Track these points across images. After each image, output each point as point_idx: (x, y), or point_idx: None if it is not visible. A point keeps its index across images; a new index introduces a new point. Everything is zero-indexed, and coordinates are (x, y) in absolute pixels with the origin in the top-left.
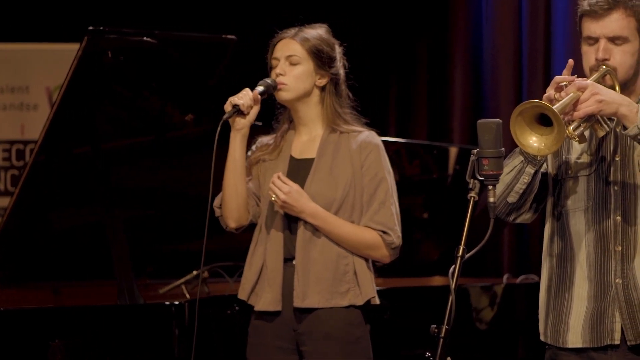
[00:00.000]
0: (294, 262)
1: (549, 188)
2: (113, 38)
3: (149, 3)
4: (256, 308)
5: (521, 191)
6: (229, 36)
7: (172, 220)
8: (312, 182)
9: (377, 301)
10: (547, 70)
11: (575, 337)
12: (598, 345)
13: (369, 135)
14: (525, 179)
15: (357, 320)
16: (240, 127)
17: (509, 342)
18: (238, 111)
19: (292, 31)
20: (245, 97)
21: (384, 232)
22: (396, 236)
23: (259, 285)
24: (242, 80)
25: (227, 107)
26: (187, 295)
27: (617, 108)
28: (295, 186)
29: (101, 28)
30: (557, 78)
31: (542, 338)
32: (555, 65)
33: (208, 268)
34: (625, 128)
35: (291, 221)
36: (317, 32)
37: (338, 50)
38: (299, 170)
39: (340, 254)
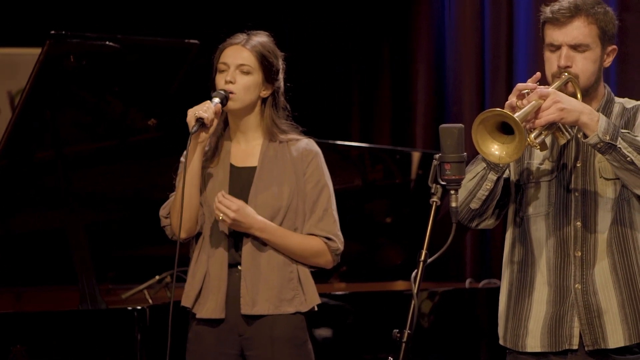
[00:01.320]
0: (239, 267)
1: (511, 194)
2: (75, 42)
3: (111, 7)
4: (199, 315)
5: (484, 197)
6: (191, 40)
7: (135, 225)
8: (256, 191)
9: (316, 308)
10: (509, 76)
11: (534, 341)
12: (556, 349)
13: (308, 143)
14: (487, 185)
15: (302, 324)
16: (202, 139)
17: (472, 346)
18: (202, 124)
19: (242, 37)
20: (209, 111)
21: (329, 239)
22: (340, 242)
23: (203, 292)
24: (205, 85)
25: (191, 120)
26: (150, 300)
27: (578, 116)
28: (241, 203)
29: (63, 32)
30: (519, 85)
31: (501, 342)
32: (517, 71)
33: (170, 273)
34: (585, 136)
35: None
36: (265, 41)
37: (281, 62)
38: (240, 179)
39: (285, 261)
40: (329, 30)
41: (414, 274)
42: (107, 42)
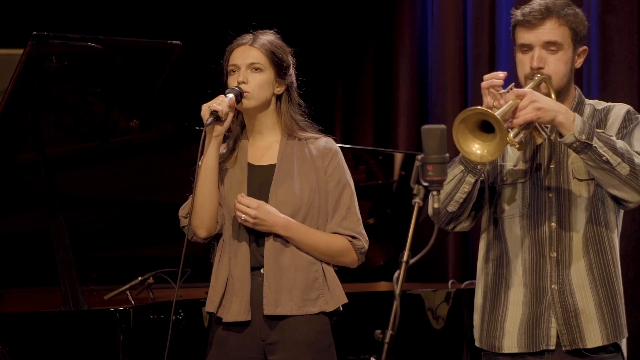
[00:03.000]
0: (262, 270)
1: (486, 195)
2: (57, 43)
3: (93, 8)
4: (225, 319)
5: (461, 200)
6: (174, 42)
7: (117, 226)
8: (277, 189)
9: (341, 308)
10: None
11: (510, 342)
12: (533, 350)
13: (327, 142)
14: (465, 188)
15: (326, 327)
16: (218, 133)
17: (454, 347)
18: (217, 118)
19: (249, 37)
20: (223, 104)
21: (354, 237)
22: (365, 240)
23: (226, 296)
24: (187, 86)
25: (205, 114)
26: (132, 302)
27: (555, 115)
28: (260, 201)
29: (45, 33)
30: (484, 84)
31: (477, 344)
32: (499, 70)
33: (153, 274)
34: (561, 136)
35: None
36: (273, 38)
37: (291, 58)
38: (259, 177)
39: (310, 260)
40: (312, 30)
41: (396, 274)
42: (89, 43)
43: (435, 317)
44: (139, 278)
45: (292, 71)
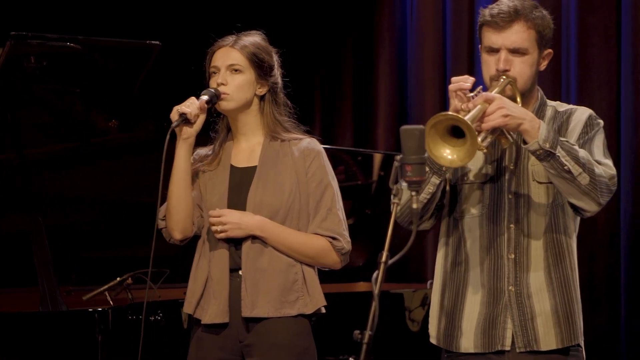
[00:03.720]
0: (240, 272)
1: (447, 195)
2: (36, 43)
3: (72, 8)
4: (203, 321)
5: (425, 201)
6: (153, 42)
7: (96, 226)
8: (256, 190)
9: (323, 310)
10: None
11: (467, 342)
12: (489, 350)
13: (310, 142)
14: (430, 189)
15: (305, 330)
16: (187, 136)
17: (433, 347)
18: (185, 120)
19: (231, 39)
20: (192, 106)
21: (334, 238)
22: (346, 241)
23: (205, 297)
24: (166, 86)
25: (174, 115)
26: (111, 302)
27: (521, 123)
28: (226, 210)
29: (24, 33)
30: (452, 87)
31: (433, 341)
32: (479, 73)
33: (132, 274)
34: (525, 142)
35: None
36: (256, 39)
37: (276, 58)
38: (240, 179)
39: (289, 262)
40: (291, 31)
41: (375, 275)
42: (68, 43)
43: (413, 318)
44: (118, 279)
45: (276, 72)
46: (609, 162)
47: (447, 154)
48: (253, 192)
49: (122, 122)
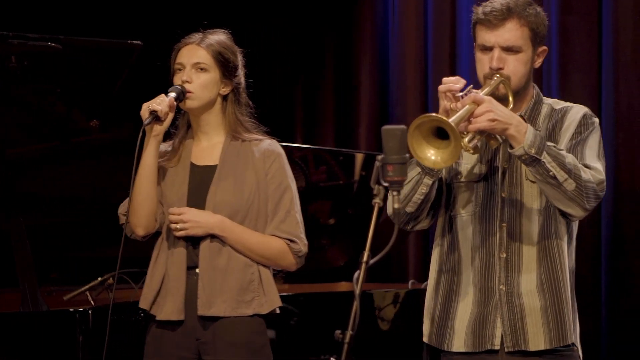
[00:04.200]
0: (197, 270)
1: (444, 194)
2: (17, 43)
3: (53, 8)
4: (158, 317)
5: (419, 201)
6: (134, 42)
7: (77, 226)
8: (216, 190)
9: (278, 310)
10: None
11: (459, 341)
12: (479, 349)
13: (271, 144)
14: (423, 189)
15: (260, 328)
16: (157, 133)
17: (415, 347)
18: (156, 117)
19: (197, 37)
20: (163, 104)
21: (291, 241)
22: (303, 244)
23: (161, 294)
24: (147, 86)
25: (144, 113)
26: (92, 302)
27: (507, 128)
28: (185, 208)
29: (4, 33)
30: (441, 88)
31: (425, 340)
32: (460, 73)
33: (112, 274)
34: (512, 147)
35: None
36: (222, 39)
37: (240, 58)
38: (200, 177)
39: (246, 262)
40: (272, 30)
41: (356, 275)
42: (49, 43)
43: (395, 317)
44: (99, 279)
45: (240, 72)
46: (600, 165)
47: (431, 155)
48: (213, 191)
49: (103, 122)
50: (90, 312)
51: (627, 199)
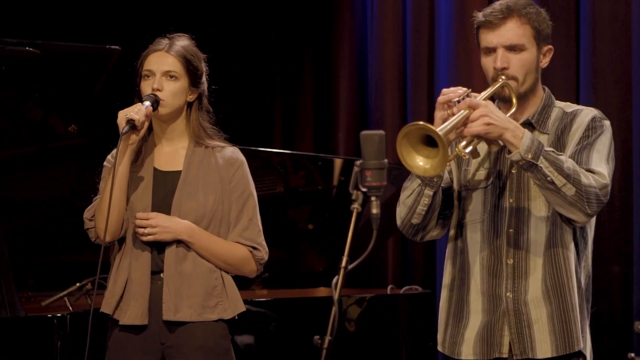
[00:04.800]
0: (161, 275)
1: (455, 201)
2: None
3: (32, 13)
4: (122, 322)
5: (423, 212)
6: (112, 47)
7: (55, 231)
8: (181, 196)
9: (236, 317)
10: (430, 83)
11: (468, 349)
12: (488, 357)
13: (234, 151)
14: (425, 200)
15: (224, 332)
16: (132, 142)
17: (393, 351)
18: (133, 126)
19: (165, 43)
20: (140, 113)
21: (254, 248)
22: (265, 252)
23: (124, 299)
24: (125, 91)
25: (121, 121)
26: (70, 308)
27: (503, 133)
28: (154, 213)
29: None
30: (440, 99)
31: (439, 348)
32: (438, 79)
33: (91, 280)
34: (509, 152)
35: None
36: (188, 45)
37: (204, 65)
38: (165, 183)
39: (210, 268)
40: (251, 36)
41: (334, 280)
42: (27, 48)
43: (374, 322)
44: (77, 284)
45: (204, 78)
46: (605, 170)
47: (420, 162)
48: (178, 197)
49: (81, 126)
50: (68, 317)
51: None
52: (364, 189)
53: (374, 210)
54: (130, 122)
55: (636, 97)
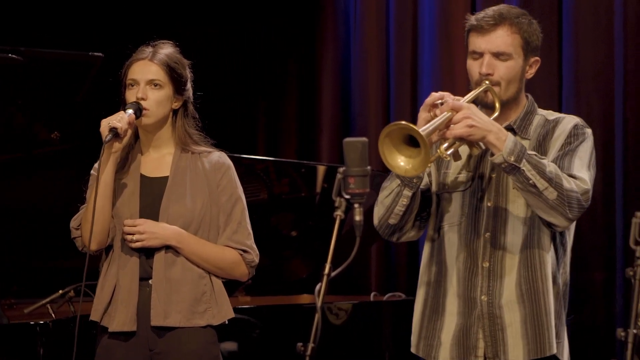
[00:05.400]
0: (150, 281)
1: (433, 204)
2: None
3: (14, 19)
4: (111, 329)
5: (401, 213)
6: (95, 53)
7: (38, 238)
8: (169, 202)
9: (227, 322)
10: (414, 90)
11: (445, 352)
12: None
13: (221, 156)
14: (403, 201)
15: (213, 339)
16: (116, 150)
17: (376, 358)
18: (116, 134)
19: (148, 51)
20: (122, 121)
21: (245, 251)
22: (255, 254)
23: (112, 305)
24: (108, 98)
25: (104, 130)
26: (53, 315)
27: (485, 135)
28: (142, 220)
29: None
30: (428, 100)
31: (413, 350)
32: (422, 86)
33: (74, 287)
34: (492, 154)
35: None
36: (172, 52)
37: (189, 71)
38: (152, 189)
39: (200, 273)
40: (235, 43)
41: (317, 287)
42: (10, 55)
43: (357, 329)
44: (60, 291)
45: (189, 85)
46: (587, 175)
47: (402, 162)
48: (165, 203)
49: (64, 133)
50: (51, 325)
51: (587, 211)
52: (347, 196)
53: (357, 217)
54: (113, 130)
55: (618, 104)
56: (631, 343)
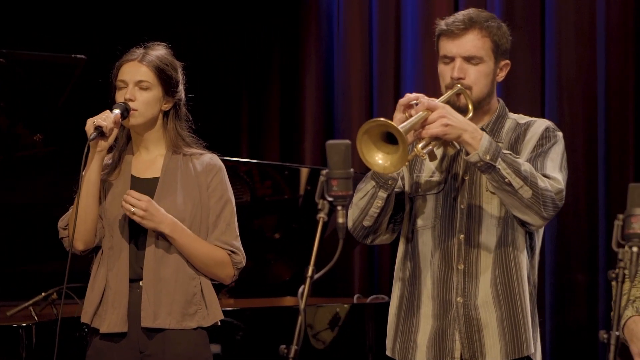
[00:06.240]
0: (140, 283)
1: (406, 207)
2: None
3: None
4: (102, 330)
5: (376, 215)
6: (78, 55)
7: (20, 241)
8: (159, 202)
9: (219, 323)
10: (397, 93)
11: (421, 355)
12: None
13: (212, 158)
14: (378, 203)
15: (204, 341)
16: (101, 149)
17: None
18: (101, 133)
19: (139, 53)
20: (108, 120)
21: (233, 252)
22: (242, 256)
23: (102, 307)
24: (91, 100)
25: (89, 128)
26: (36, 317)
27: (461, 134)
28: (150, 200)
29: None
30: (402, 101)
31: (389, 353)
32: (405, 88)
33: (56, 289)
34: (467, 153)
35: (138, 241)
36: (163, 54)
37: (181, 73)
38: (142, 190)
39: (190, 275)
40: (217, 43)
41: (301, 289)
42: None
43: (340, 331)
44: (43, 294)
45: (181, 87)
46: (560, 176)
47: (380, 159)
48: (157, 203)
49: (47, 135)
50: (34, 327)
51: (570, 214)
52: (330, 198)
53: (340, 220)
54: (98, 129)
55: (601, 108)
56: (614, 345)
